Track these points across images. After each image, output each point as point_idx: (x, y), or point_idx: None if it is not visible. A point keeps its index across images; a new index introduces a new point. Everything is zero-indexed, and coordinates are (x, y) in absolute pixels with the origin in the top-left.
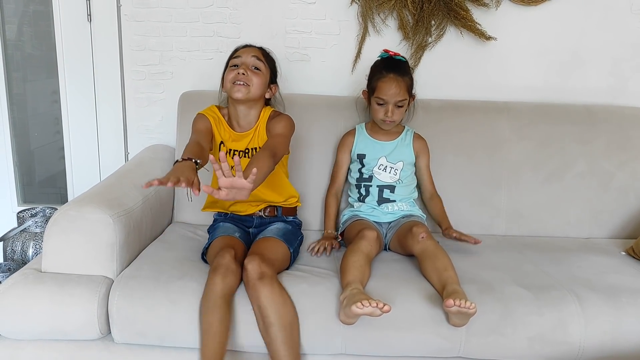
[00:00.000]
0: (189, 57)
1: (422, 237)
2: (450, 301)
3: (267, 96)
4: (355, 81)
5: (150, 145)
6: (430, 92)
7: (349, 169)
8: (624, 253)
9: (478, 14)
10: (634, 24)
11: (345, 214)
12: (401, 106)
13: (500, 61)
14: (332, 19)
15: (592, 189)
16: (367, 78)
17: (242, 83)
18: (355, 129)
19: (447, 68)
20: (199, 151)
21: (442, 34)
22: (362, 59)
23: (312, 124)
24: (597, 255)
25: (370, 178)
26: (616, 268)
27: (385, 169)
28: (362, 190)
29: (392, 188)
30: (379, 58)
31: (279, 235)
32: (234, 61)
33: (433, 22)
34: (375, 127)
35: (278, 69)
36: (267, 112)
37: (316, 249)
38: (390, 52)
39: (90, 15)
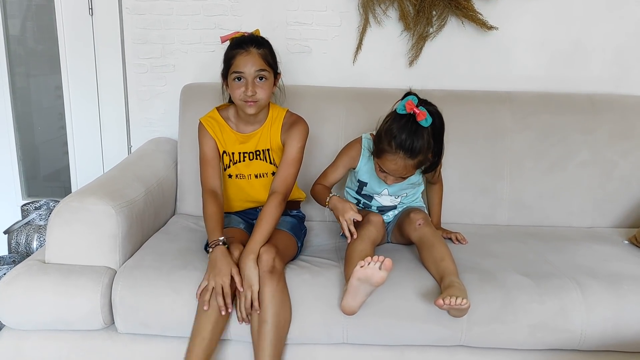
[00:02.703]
0: (190, 50)
1: (419, 224)
2: (440, 301)
3: (272, 91)
4: (356, 72)
5: (153, 137)
6: (431, 83)
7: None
8: (626, 242)
9: (479, 4)
10: (637, 13)
11: None
12: (406, 177)
13: (502, 51)
14: (333, 11)
15: (595, 179)
16: (377, 126)
17: (251, 101)
18: (360, 145)
19: (448, 58)
20: (220, 212)
21: (444, 24)
22: (363, 50)
23: (313, 115)
24: (599, 244)
25: (370, 198)
26: (618, 256)
27: (387, 194)
28: (361, 204)
29: (393, 207)
30: (396, 112)
31: (288, 229)
32: (236, 74)
33: (434, 12)
34: None
35: (278, 58)
36: (279, 112)
37: (350, 233)
38: (415, 110)
39: (91, 8)
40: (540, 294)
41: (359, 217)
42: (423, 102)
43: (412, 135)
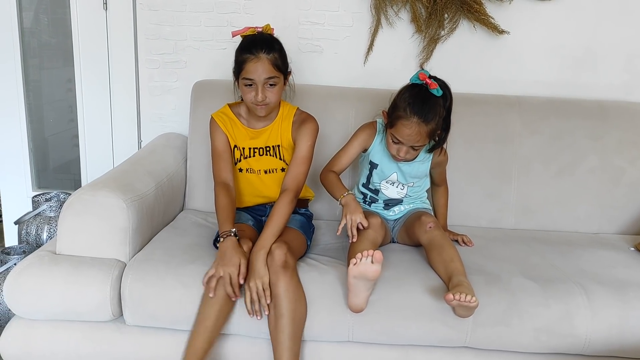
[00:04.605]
0: (202, 47)
1: (430, 227)
2: (450, 295)
3: (283, 89)
4: (367, 73)
5: (164, 133)
6: None
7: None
8: (633, 249)
9: (491, 8)
10: None
11: None
12: (417, 149)
13: (513, 55)
14: (346, 11)
15: (602, 185)
16: (391, 100)
17: (262, 105)
18: (376, 127)
19: (459, 61)
20: (232, 204)
21: (455, 27)
22: (374, 51)
23: (323, 115)
24: (605, 250)
25: (377, 192)
26: (625, 263)
27: (393, 183)
28: (368, 198)
29: (399, 200)
30: (411, 83)
31: (298, 227)
32: (247, 81)
33: (446, 15)
34: None
35: (288, 57)
36: (290, 110)
37: (349, 232)
38: (427, 80)
39: (106, 3)
40: (546, 297)
41: (365, 223)
42: (433, 77)
43: (426, 102)
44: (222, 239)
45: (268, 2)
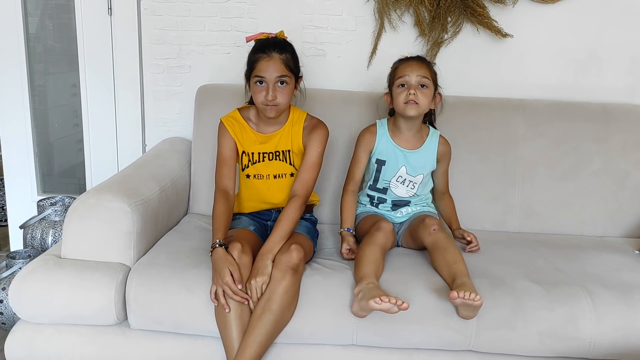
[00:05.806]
0: (207, 51)
1: (434, 230)
2: (454, 293)
3: (294, 94)
4: (371, 77)
5: (168, 137)
6: (445, 89)
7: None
8: (637, 252)
9: (495, 11)
10: None
11: (358, 208)
12: (425, 86)
13: (517, 59)
14: (349, 15)
15: (607, 188)
16: (388, 79)
17: (272, 105)
18: (375, 126)
19: (462, 65)
20: (227, 213)
21: (459, 31)
22: (377, 55)
23: (327, 119)
24: (610, 253)
25: (385, 190)
26: (630, 266)
27: (403, 182)
28: (376, 200)
29: (407, 202)
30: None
31: (305, 233)
32: (258, 78)
33: (449, 18)
34: (397, 129)
35: (300, 62)
36: (300, 115)
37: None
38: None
39: (110, 8)
40: (550, 301)
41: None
42: None
43: (417, 56)
44: (210, 253)
45: (272, 7)
